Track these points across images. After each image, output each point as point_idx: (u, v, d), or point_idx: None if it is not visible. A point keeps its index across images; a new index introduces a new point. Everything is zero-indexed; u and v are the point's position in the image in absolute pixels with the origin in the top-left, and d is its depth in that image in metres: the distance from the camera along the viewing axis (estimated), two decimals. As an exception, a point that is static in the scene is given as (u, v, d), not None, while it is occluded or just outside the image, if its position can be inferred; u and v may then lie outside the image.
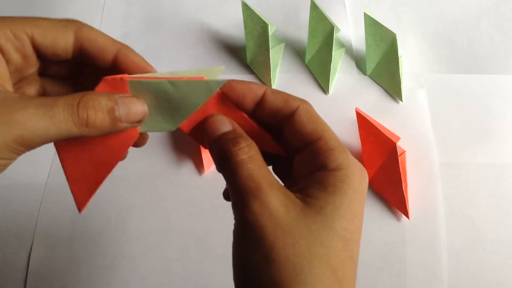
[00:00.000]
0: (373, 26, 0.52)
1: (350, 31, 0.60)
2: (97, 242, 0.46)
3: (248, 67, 0.57)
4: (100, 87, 0.23)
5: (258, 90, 0.25)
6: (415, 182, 0.49)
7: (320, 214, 0.21)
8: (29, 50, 0.23)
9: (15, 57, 0.22)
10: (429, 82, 0.56)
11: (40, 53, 0.24)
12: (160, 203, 0.48)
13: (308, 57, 0.57)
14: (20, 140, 0.20)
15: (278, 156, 0.27)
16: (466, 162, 0.51)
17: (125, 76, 0.23)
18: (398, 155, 0.45)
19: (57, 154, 0.25)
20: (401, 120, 0.53)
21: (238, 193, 0.22)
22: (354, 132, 0.51)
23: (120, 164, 0.49)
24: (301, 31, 0.59)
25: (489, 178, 0.50)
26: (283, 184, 0.27)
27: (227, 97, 0.25)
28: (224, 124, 0.25)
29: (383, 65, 0.54)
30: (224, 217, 0.47)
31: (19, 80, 0.25)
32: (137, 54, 0.25)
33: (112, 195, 0.48)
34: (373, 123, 0.46)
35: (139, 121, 0.24)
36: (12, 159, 0.21)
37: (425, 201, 0.48)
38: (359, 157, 0.50)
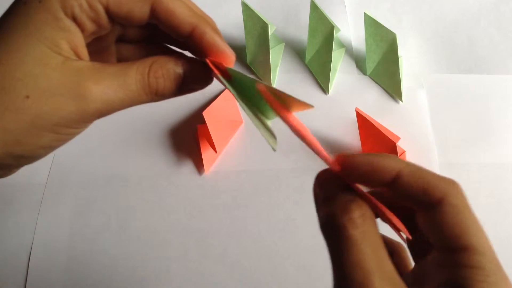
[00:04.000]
0: (373, 26, 0.52)
1: (350, 31, 0.60)
2: (97, 242, 0.46)
3: (248, 67, 0.57)
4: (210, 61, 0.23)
5: (390, 169, 0.19)
6: (415, 182, 0.49)
7: None
8: (104, 19, 0.22)
9: (90, 26, 0.22)
10: (429, 82, 0.56)
11: (114, 20, 0.23)
12: (160, 203, 0.48)
13: (308, 57, 0.57)
14: (97, 113, 0.21)
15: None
16: (466, 162, 0.51)
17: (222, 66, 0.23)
18: (398, 155, 0.45)
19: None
20: (401, 120, 0.53)
21: (342, 278, 0.18)
22: (354, 132, 0.51)
23: (120, 164, 0.50)
24: (301, 31, 0.59)
25: (489, 178, 0.50)
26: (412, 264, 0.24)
27: (341, 174, 0.20)
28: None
29: (383, 65, 0.54)
30: (224, 217, 0.47)
31: (98, 49, 0.25)
32: (214, 33, 0.23)
33: (112, 195, 0.48)
34: (373, 123, 0.46)
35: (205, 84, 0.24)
36: (85, 127, 0.23)
37: (425, 201, 0.48)
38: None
